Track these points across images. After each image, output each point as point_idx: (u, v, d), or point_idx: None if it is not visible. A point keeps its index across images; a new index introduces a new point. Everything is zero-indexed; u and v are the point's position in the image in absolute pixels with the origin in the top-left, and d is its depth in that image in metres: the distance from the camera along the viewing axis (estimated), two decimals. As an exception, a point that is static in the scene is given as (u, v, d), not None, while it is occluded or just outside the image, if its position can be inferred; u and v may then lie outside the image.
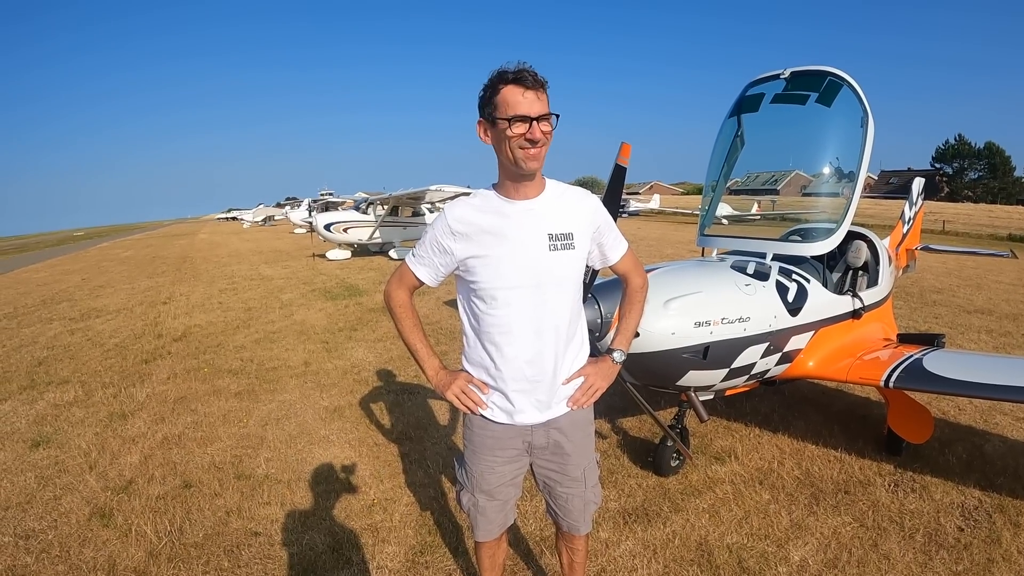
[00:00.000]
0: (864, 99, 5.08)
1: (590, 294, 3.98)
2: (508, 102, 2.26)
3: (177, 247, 36.57)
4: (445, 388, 2.64)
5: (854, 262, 6.10)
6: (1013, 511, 4.50)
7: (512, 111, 2.25)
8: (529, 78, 2.27)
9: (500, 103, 2.28)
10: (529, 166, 2.33)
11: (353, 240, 22.27)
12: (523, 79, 2.27)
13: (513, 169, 2.36)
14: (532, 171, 2.36)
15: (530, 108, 2.26)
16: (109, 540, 4.25)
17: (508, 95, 2.27)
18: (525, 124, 2.26)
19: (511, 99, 2.26)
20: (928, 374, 4.76)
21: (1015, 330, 10.40)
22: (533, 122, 2.26)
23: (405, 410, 6.45)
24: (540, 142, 2.30)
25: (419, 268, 2.57)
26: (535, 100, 2.27)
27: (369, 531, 4.27)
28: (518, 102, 2.25)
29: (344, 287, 15.39)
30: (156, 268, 23.20)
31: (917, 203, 9.50)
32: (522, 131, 2.26)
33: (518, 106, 2.25)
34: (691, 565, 3.88)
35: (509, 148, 2.30)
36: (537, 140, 2.29)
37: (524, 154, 2.29)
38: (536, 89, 2.29)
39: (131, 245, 43.33)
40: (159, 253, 32.51)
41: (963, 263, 19.60)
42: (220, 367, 8.30)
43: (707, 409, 4.78)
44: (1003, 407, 6.37)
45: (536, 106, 2.27)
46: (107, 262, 28.34)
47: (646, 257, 20.17)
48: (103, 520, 4.49)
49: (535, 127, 2.27)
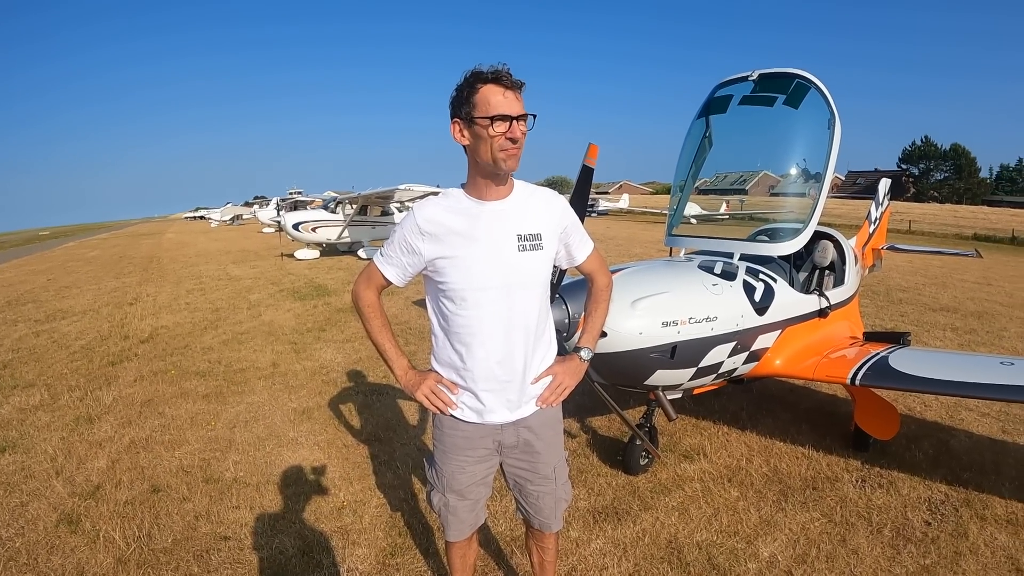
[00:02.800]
0: (831, 101, 5.14)
1: (558, 294, 4.00)
2: (489, 102, 2.27)
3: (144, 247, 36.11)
4: (414, 388, 2.63)
5: (820, 262, 6.17)
6: (979, 505, 4.58)
7: (493, 110, 2.26)
8: (507, 78, 2.29)
9: (479, 102, 2.28)
10: (508, 166, 2.34)
11: (322, 239, 22.11)
12: (502, 79, 2.28)
13: (491, 169, 2.36)
14: (509, 171, 2.38)
15: (510, 107, 2.27)
16: (77, 547, 4.17)
17: (488, 94, 2.27)
18: (506, 123, 2.27)
19: (492, 99, 2.27)
20: (894, 372, 4.83)
21: (980, 328, 10.58)
22: (513, 121, 2.28)
23: (374, 411, 6.42)
24: (520, 142, 2.32)
25: (387, 268, 2.56)
26: (514, 100, 2.29)
27: (339, 534, 4.24)
28: (499, 102, 2.26)
29: (313, 287, 15.28)
30: (123, 268, 22.87)
31: (883, 203, 9.63)
32: (503, 130, 2.27)
33: (499, 106, 2.26)
34: (661, 563, 3.90)
35: (489, 148, 2.30)
36: (518, 139, 2.30)
37: (504, 154, 2.30)
38: (515, 89, 2.31)
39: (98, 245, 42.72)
40: (126, 253, 32.06)
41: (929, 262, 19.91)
42: (187, 369, 8.20)
43: (675, 408, 4.81)
44: (968, 403, 6.47)
45: (516, 105, 2.29)
46: (73, 262, 27.90)
47: (615, 257, 20.29)
48: (71, 526, 4.41)
49: (515, 126, 2.28)
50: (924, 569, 3.86)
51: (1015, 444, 5.67)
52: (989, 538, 4.18)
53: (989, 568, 3.87)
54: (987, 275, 18.02)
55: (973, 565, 3.89)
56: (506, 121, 2.27)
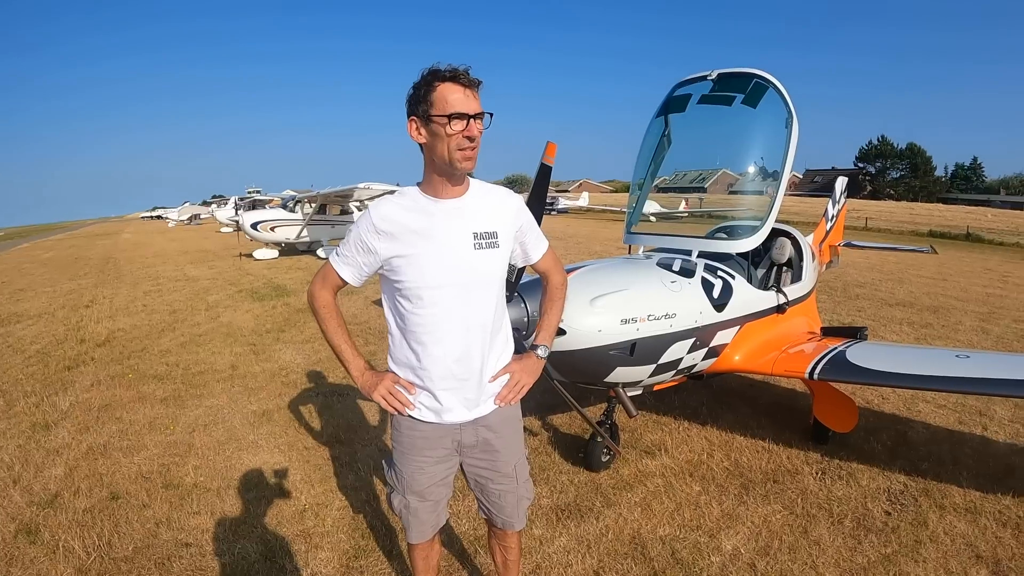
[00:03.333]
0: (789, 100, 5.20)
1: (516, 292, 3.99)
2: (446, 99, 2.26)
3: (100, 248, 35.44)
4: (371, 389, 2.61)
5: (778, 258, 6.24)
6: (938, 494, 4.68)
7: (451, 108, 2.25)
8: (465, 76, 2.29)
9: (437, 100, 2.27)
10: (464, 166, 2.34)
11: (280, 239, 21.87)
12: (459, 77, 2.28)
13: (447, 168, 2.36)
14: (466, 171, 2.37)
15: (468, 106, 2.27)
16: (37, 558, 4.07)
17: (446, 92, 2.27)
18: (463, 121, 2.26)
19: (449, 97, 2.26)
20: (851, 365, 4.90)
21: (935, 322, 10.80)
22: (471, 119, 2.27)
23: (335, 412, 6.36)
24: (477, 141, 2.32)
25: (343, 268, 2.54)
26: (472, 98, 2.29)
27: (302, 537, 4.19)
28: (457, 100, 2.26)
29: (271, 287, 15.12)
30: (79, 270, 22.42)
31: (840, 201, 9.79)
32: (460, 128, 2.27)
33: (457, 104, 2.26)
34: (625, 559, 3.92)
35: (446, 147, 2.30)
36: (475, 137, 2.30)
37: (461, 154, 2.30)
38: (472, 87, 2.31)
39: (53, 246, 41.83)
40: (82, 254, 31.43)
41: (885, 258, 20.25)
42: (145, 372, 8.05)
43: (636, 404, 4.83)
44: (925, 395, 6.61)
45: (473, 104, 2.29)
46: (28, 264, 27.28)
47: (575, 255, 20.37)
48: (29, 537, 4.30)
49: (472, 124, 2.28)
50: (885, 558, 3.92)
51: (971, 435, 5.81)
52: (948, 526, 4.27)
53: (949, 556, 3.95)
54: (942, 271, 18.41)
55: (934, 553, 3.97)
56: (463, 119, 2.26)
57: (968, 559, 3.92)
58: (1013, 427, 5.98)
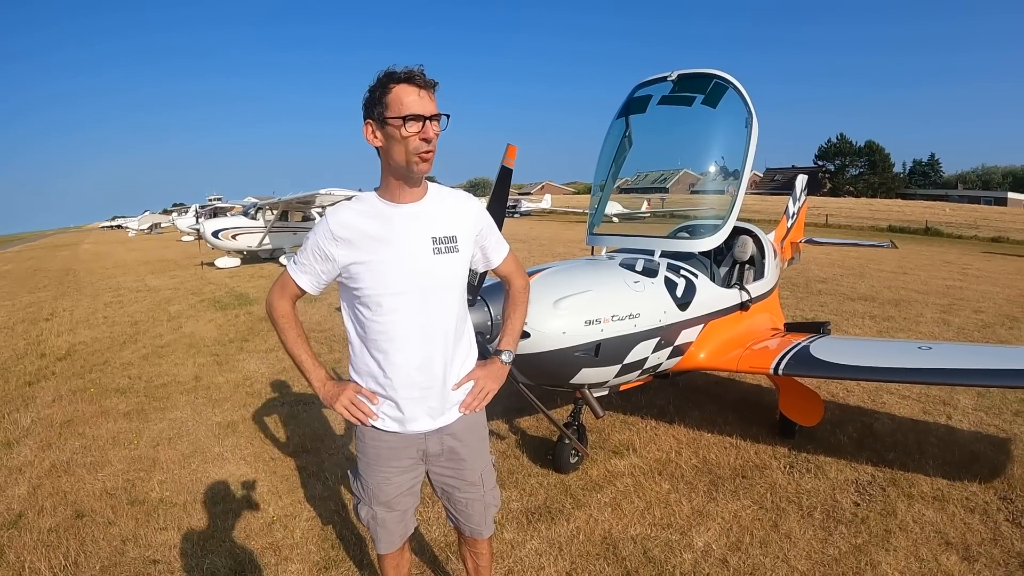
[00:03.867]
0: (748, 100, 5.26)
1: (479, 296, 3.97)
2: (402, 101, 2.23)
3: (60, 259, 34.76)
4: (333, 400, 2.57)
5: (740, 256, 6.29)
6: (905, 483, 4.76)
7: (406, 110, 2.22)
8: (420, 78, 2.26)
9: (392, 103, 2.24)
10: (421, 169, 2.31)
11: (242, 247, 21.62)
12: (414, 78, 2.25)
13: (403, 172, 2.33)
14: (422, 174, 2.35)
15: (424, 107, 2.24)
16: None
17: (401, 94, 2.24)
18: (419, 123, 2.24)
19: (404, 98, 2.23)
20: (815, 360, 4.96)
21: (897, 315, 10.99)
22: (427, 121, 2.24)
23: (300, 422, 6.29)
24: (434, 143, 2.29)
25: (301, 276, 2.50)
26: (428, 99, 2.26)
27: (271, 550, 4.13)
28: (412, 101, 2.23)
29: (234, 296, 14.94)
30: (38, 282, 21.95)
31: (801, 198, 9.91)
32: (416, 130, 2.24)
33: (412, 105, 2.23)
34: (597, 559, 3.92)
35: (403, 149, 2.27)
36: (431, 139, 2.27)
37: (418, 157, 2.27)
38: (428, 88, 2.28)
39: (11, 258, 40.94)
40: (41, 266, 30.77)
41: (846, 254, 20.56)
42: (107, 386, 7.91)
43: (602, 404, 4.84)
44: (889, 387, 6.72)
45: (429, 105, 2.26)
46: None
47: (538, 257, 20.43)
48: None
49: (428, 126, 2.25)
50: (856, 549, 3.97)
51: (936, 424, 5.93)
52: (917, 515, 4.35)
53: (919, 543, 4.02)
54: (902, 264, 18.73)
55: (904, 541, 4.04)
56: (419, 121, 2.24)
57: (938, 546, 4.00)
58: (976, 415, 6.11)
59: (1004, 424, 5.90)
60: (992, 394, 6.60)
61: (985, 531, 4.15)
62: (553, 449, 5.08)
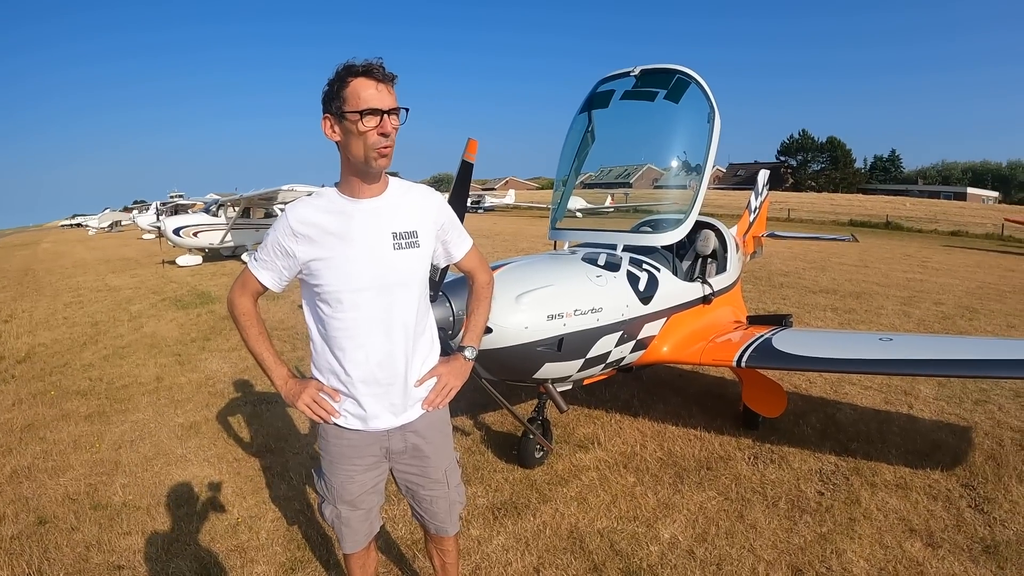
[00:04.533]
0: (711, 96, 5.31)
1: (441, 292, 3.95)
2: (359, 95, 2.20)
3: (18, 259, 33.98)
4: (295, 398, 2.54)
5: (703, 250, 6.34)
6: (868, 472, 4.84)
7: (364, 104, 2.20)
8: (379, 71, 2.23)
9: (350, 96, 2.21)
10: (379, 164, 2.29)
11: (204, 244, 21.27)
12: (373, 72, 2.22)
13: (362, 167, 2.31)
14: (381, 169, 2.32)
15: (381, 101, 2.21)
16: (-34, 592, 3.88)
17: (359, 88, 2.21)
18: (376, 118, 2.21)
19: (362, 92, 2.20)
20: (777, 352, 5.01)
21: (858, 307, 11.15)
22: (385, 115, 2.22)
23: (264, 421, 6.23)
24: (391, 137, 2.27)
25: (262, 273, 2.47)
26: (386, 93, 2.24)
27: (236, 552, 4.08)
28: (370, 95, 2.20)
29: (196, 295, 14.72)
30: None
31: (763, 193, 10.01)
32: (374, 124, 2.21)
33: (370, 99, 2.20)
34: (564, 553, 3.93)
35: (361, 144, 2.24)
36: (389, 133, 2.24)
37: (377, 152, 2.25)
38: (386, 82, 2.25)
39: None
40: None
41: (808, 248, 20.83)
42: (68, 389, 7.76)
43: (567, 399, 4.86)
44: (851, 378, 6.84)
45: (387, 99, 2.23)
46: (-62, 280, 26.19)
47: (502, 252, 20.41)
48: (-43, 570, 4.10)
49: (387, 120, 2.23)
50: (821, 537, 4.03)
51: (898, 413, 6.04)
52: (881, 502, 4.42)
53: (883, 531, 4.10)
54: (864, 258, 19.02)
55: (868, 529, 4.11)
56: (377, 115, 2.21)
57: (902, 533, 4.07)
58: (938, 404, 6.23)
59: (965, 413, 6.02)
60: (952, 384, 6.73)
61: (948, 517, 4.23)
62: (518, 444, 5.08)
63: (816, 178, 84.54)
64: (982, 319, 10.52)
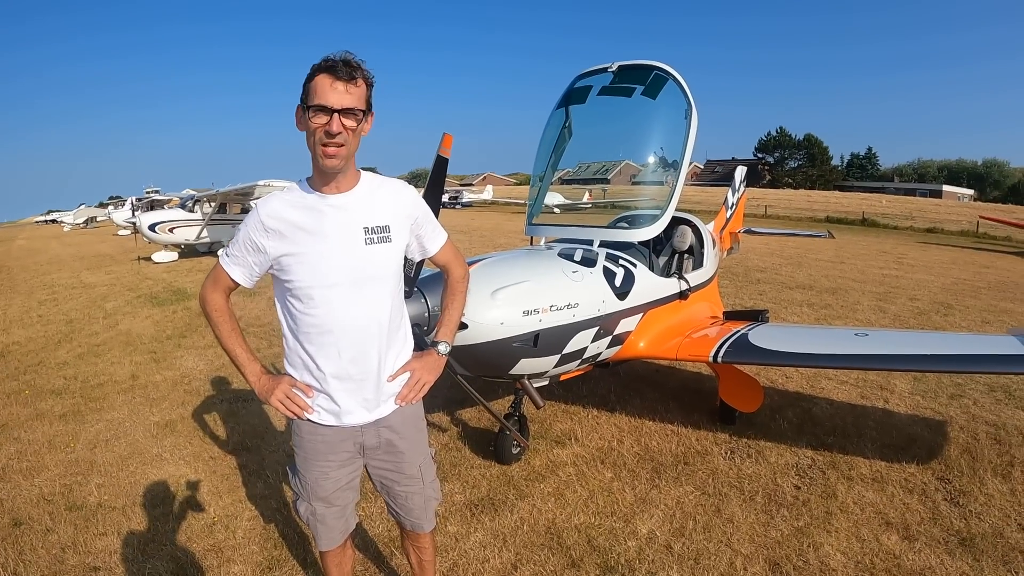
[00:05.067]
0: (688, 92, 5.31)
1: (416, 287, 3.93)
2: (316, 91, 2.19)
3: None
4: (268, 394, 2.52)
5: (679, 246, 6.36)
6: (845, 466, 4.88)
7: (316, 100, 2.18)
8: (342, 68, 2.19)
9: (311, 91, 2.21)
10: (326, 164, 2.26)
11: (180, 240, 21.12)
12: (335, 68, 2.19)
13: (316, 164, 2.30)
14: (329, 168, 2.28)
15: (335, 99, 2.18)
16: (-60, 596, 3.82)
17: (318, 83, 2.20)
18: (325, 116, 2.19)
19: (319, 88, 2.19)
20: (753, 347, 5.03)
21: (835, 302, 11.24)
22: (334, 114, 2.19)
23: (240, 419, 6.18)
24: (340, 137, 2.22)
25: (233, 268, 2.45)
26: (344, 92, 2.20)
27: (213, 552, 4.05)
28: (324, 92, 2.18)
29: (171, 291, 14.59)
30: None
31: (740, 190, 10.07)
32: (321, 122, 2.19)
33: (323, 96, 2.18)
34: (542, 549, 3.93)
35: (313, 141, 2.24)
36: (335, 134, 2.20)
37: (323, 150, 2.22)
38: (348, 81, 2.21)
39: (-62, 257, 39.63)
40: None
41: (785, 244, 20.94)
42: (42, 387, 7.66)
43: (543, 395, 4.85)
44: (827, 373, 6.89)
45: (344, 99, 2.20)
46: (-91, 277, 25.80)
47: (479, 248, 20.43)
48: (-68, 574, 4.03)
49: (335, 120, 2.19)
50: (798, 531, 4.06)
51: (874, 408, 6.10)
52: (857, 496, 4.46)
53: (860, 524, 4.13)
54: (840, 254, 19.17)
55: (844, 523, 4.14)
56: (325, 113, 2.19)
57: (878, 526, 4.11)
58: (913, 399, 6.30)
59: (940, 407, 6.09)
60: (928, 378, 6.80)
61: (924, 511, 4.28)
62: (495, 440, 5.08)
63: (793, 175, 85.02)
64: (957, 315, 10.63)
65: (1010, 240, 29.26)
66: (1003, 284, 14.48)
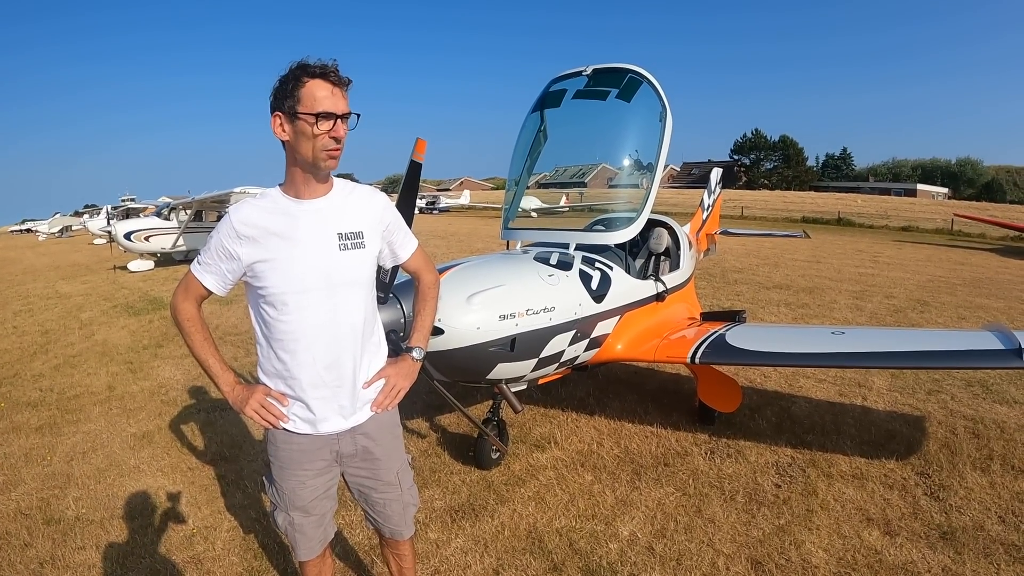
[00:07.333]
0: (663, 95, 5.35)
1: (391, 293, 3.92)
2: (315, 97, 2.19)
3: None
4: (242, 404, 2.49)
5: (656, 248, 6.39)
6: (824, 464, 4.92)
7: (319, 107, 2.19)
8: (334, 75, 2.22)
9: (304, 97, 2.20)
10: (328, 166, 2.28)
11: (156, 249, 20.88)
12: (329, 75, 2.21)
13: (310, 168, 2.29)
14: (330, 170, 2.32)
15: (336, 105, 2.21)
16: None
17: (315, 90, 2.20)
18: (330, 121, 2.20)
19: (317, 94, 2.19)
20: (732, 348, 5.06)
21: (812, 302, 11.33)
22: (338, 119, 2.22)
23: (217, 429, 6.13)
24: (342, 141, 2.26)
25: (205, 276, 2.43)
26: (340, 97, 2.23)
27: (192, 564, 4.01)
28: (324, 98, 2.19)
29: (148, 300, 14.45)
30: (-60, 293, 21.00)
31: (716, 191, 10.13)
32: (327, 128, 2.21)
33: (324, 102, 2.19)
34: (523, 554, 3.93)
35: (312, 146, 2.23)
36: (341, 137, 2.24)
37: (326, 154, 2.24)
38: (341, 86, 2.25)
39: (-91, 270, 39.06)
40: (-56, 275, 29.47)
41: (761, 244, 21.10)
42: (18, 400, 7.56)
43: (522, 399, 4.84)
44: (805, 371, 6.96)
45: (341, 103, 2.23)
46: None
47: (457, 252, 20.41)
48: (-91, 594, 3.96)
49: (339, 125, 2.22)
50: (780, 529, 4.09)
51: (852, 405, 6.15)
52: (838, 493, 4.50)
53: (841, 521, 4.17)
54: (816, 254, 19.32)
55: (825, 520, 4.17)
56: (331, 119, 2.21)
57: (859, 522, 4.15)
58: (891, 395, 6.37)
59: (918, 403, 6.16)
60: (905, 375, 6.88)
61: (904, 506, 4.32)
62: (474, 446, 5.07)
63: (769, 176, 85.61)
64: (933, 311, 10.76)
65: (984, 237, 29.70)
66: (978, 280, 14.68)
